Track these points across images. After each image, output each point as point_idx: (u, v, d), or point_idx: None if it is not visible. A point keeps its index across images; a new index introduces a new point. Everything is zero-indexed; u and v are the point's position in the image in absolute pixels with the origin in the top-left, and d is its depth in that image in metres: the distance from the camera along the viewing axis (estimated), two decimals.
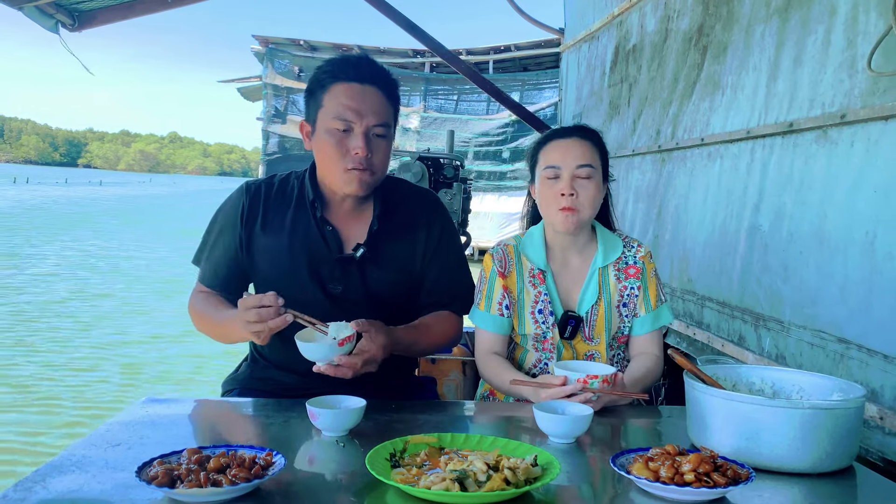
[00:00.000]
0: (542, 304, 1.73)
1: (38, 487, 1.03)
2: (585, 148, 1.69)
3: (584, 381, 1.44)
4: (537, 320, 1.72)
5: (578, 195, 1.66)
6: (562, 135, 1.74)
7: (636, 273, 1.76)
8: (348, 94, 1.57)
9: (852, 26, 1.96)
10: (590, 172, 1.67)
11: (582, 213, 1.67)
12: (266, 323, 1.42)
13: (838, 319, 1.93)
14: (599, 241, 1.76)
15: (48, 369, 5.56)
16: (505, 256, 1.77)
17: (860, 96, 1.90)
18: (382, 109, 1.61)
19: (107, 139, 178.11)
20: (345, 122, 1.57)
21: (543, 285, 1.74)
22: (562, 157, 1.69)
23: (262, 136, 17.01)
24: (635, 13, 3.80)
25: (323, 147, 1.60)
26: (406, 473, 1.07)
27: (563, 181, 1.67)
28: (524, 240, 1.80)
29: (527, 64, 16.77)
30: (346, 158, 1.58)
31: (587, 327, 1.73)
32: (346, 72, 1.59)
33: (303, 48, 17.15)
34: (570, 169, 1.67)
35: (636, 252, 1.78)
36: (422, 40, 5.03)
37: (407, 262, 1.72)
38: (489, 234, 14.19)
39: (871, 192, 1.83)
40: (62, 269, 11.08)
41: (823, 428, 1.16)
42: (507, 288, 1.74)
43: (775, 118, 2.34)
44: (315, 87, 1.62)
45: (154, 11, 4.83)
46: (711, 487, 1.02)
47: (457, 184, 4.15)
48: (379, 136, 1.61)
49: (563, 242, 1.76)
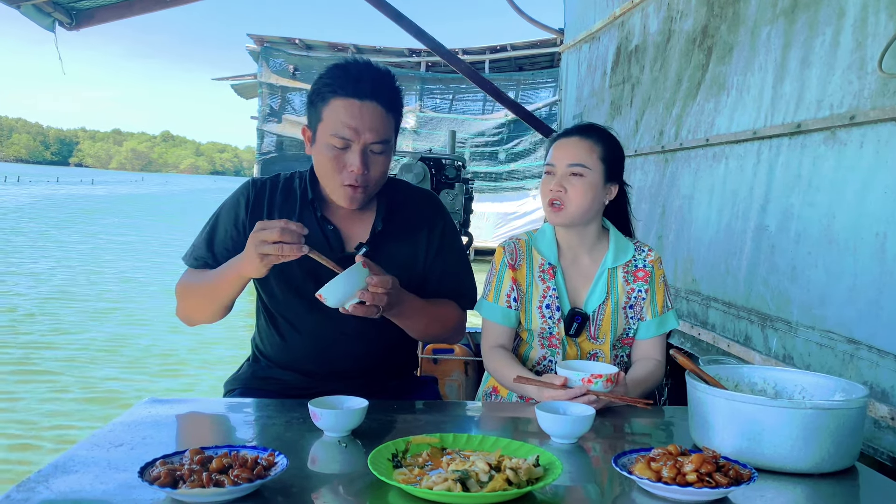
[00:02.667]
0: (549, 299, 1.75)
1: (41, 488, 1.03)
2: (581, 147, 1.73)
3: (588, 381, 1.45)
4: (544, 315, 1.74)
5: (567, 192, 1.70)
6: (564, 134, 1.79)
7: (645, 276, 1.78)
8: (348, 111, 1.54)
9: (861, 28, 1.97)
10: (580, 171, 1.70)
11: (567, 208, 1.70)
12: (282, 246, 1.38)
13: (848, 320, 1.93)
14: (611, 243, 1.79)
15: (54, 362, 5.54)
16: (516, 249, 1.80)
17: (870, 97, 1.91)
18: (381, 125, 1.58)
19: (98, 138, 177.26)
20: (342, 139, 1.55)
21: (552, 280, 1.76)
22: (556, 154, 1.75)
23: (257, 134, 16.93)
24: (637, 14, 3.81)
25: (320, 159, 1.60)
26: (408, 474, 1.07)
27: (554, 178, 1.73)
28: (536, 235, 1.82)
29: (522, 63, 16.78)
30: (342, 174, 1.57)
31: (593, 326, 1.75)
32: (346, 87, 1.55)
33: (298, 47, 17.09)
34: (562, 167, 1.72)
35: (646, 256, 1.80)
36: (421, 39, 5.02)
37: (409, 263, 1.72)
38: (486, 235, 14.19)
39: (881, 194, 1.84)
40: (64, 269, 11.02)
41: (825, 428, 1.16)
42: (517, 280, 1.77)
43: (782, 119, 2.34)
44: (315, 98, 1.60)
45: (152, 10, 4.81)
46: (713, 488, 1.03)
47: (458, 184, 4.15)
48: (376, 153, 1.59)
49: (572, 240, 1.79)
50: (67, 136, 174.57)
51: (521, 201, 15.27)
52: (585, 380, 1.45)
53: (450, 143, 4.51)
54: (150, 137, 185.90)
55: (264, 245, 1.39)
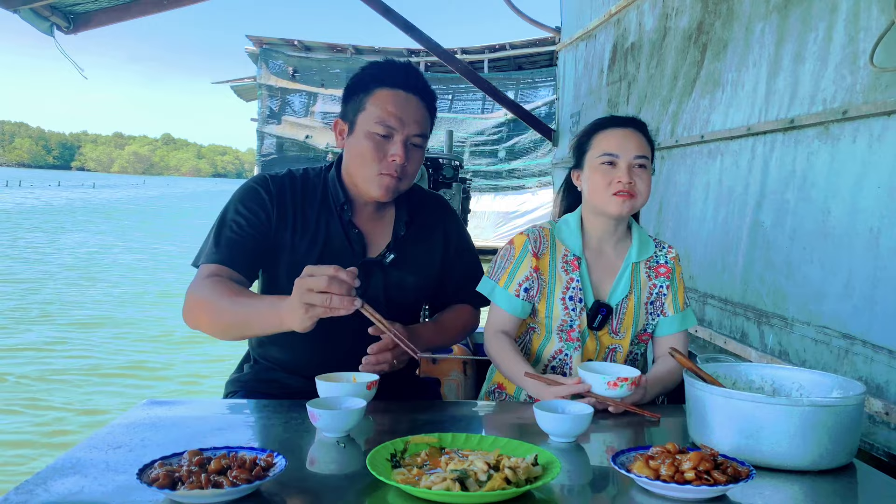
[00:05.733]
0: (573, 290, 1.71)
1: (39, 490, 1.02)
2: (642, 140, 1.71)
3: (614, 384, 1.43)
4: (567, 307, 1.71)
5: (635, 184, 1.67)
6: (619, 123, 1.73)
7: (666, 273, 1.77)
8: (394, 100, 1.57)
9: (854, 22, 1.97)
10: (645, 163, 1.68)
11: (637, 199, 1.68)
12: (331, 297, 1.25)
13: (843, 315, 1.93)
14: (634, 237, 1.77)
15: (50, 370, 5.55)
16: (540, 237, 1.75)
17: (862, 92, 1.90)
18: (423, 120, 1.62)
19: (100, 141, 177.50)
20: (387, 127, 1.57)
21: (577, 272, 1.72)
22: (620, 145, 1.68)
23: (257, 136, 16.95)
24: (633, 11, 3.81)
25: (360, 149, 1.59)
26: (407, 473, 1.07)
27: (620, 170, 1.66)
28: (559, 225, 1.78)
29: (521, 62, 16.77)
30: (381, 163, 1.58)
31: (615, 320, 1.73)
32: (394, 77, 1.59)
33: (297, 48, 17.11)
34: (627, 158, 1.67)
35: (667, 253, 1.79)
36: (418, 39, 5.03)
37: (427, 266, 1.75)
38: (486, 234, 14.19)
39: (874, 188, 1.84)
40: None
41: (823, 425, 1.16)
42: (539, 269, 1.72)
43: (776, 115, 2.34)
44: (358, 88, 1.61)
45: (150, 13, 4.81)
46: (712, 485, 1.02)
47: (456, 184, 4.16)
48: (416, 146, 1.62)
49: (601, 233, 1.75)
50: (69, 140, 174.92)
51: (522, 199, 15.26)
52: (611, 383, 1.43)
53: (447, 143, 4.52)
54: (151, 140, 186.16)
55: (310, 294, 1.26)
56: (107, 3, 4.49)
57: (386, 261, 1.68)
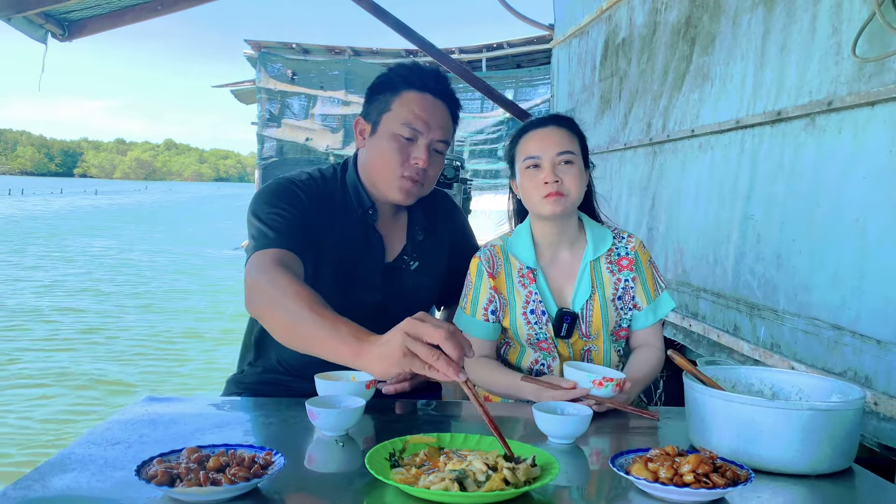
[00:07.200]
0: (532, 304, 1.69)
1: (38, 486, 1.02)
2: (563, 135, 1.67)
3: (599, 383, 1.43)
4: (529, 321, 1.69)
5: (562, 181, 1.63)
6: (537, 125, 1.71)
7: (629, 265, 1.72)
8: (420, 103, 1.57)
9: (837, 13, 1.96)
10: (571, 158, 1.64)
11: (568, 196, 1.63)
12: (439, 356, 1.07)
13: (831, 306, 1.93)
14: (588, 234, 1.72)
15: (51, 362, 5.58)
16: (492, 256, 1.73)
17: (846, 83, 1.90)
18: (447, 127, 1.61)
19: (102, 148, 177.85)
20: (412, 130, 1.56)
21: (534, 284, 1.69)
22: (540, 146, 1.65)
23: (258, 140, 16.95)
24: (624, 7, 3.80)
25: (383, 150, 1.58)
26: (405, 473, 1.06)
27: (544, 170, 1.63)
28: (511, 239, 1.75)
29: (520, 61, 16.75)
30: (404, 166, 1.57)
31: (584, 324, 1.69)
32: (423, 80, 1.58)
33: (295, 51, 17.11)
34: (550, 157, 1.64)
35: (627, 243, 1.74)
36: (411, 39, 5.03)
37: (440, 266, 1.76)
38: (486, 233, 14.14)
39: (860, 179, 1.84)
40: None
41: (822, 429, 1.16)
42: (497, 289, 1.70)
43: (763, 107, 2.34)
44: (384, 88, 1.60)
45: (144, 19, 4.83)
46: (710, 488, 1.02)
47: (457, 184, 4.16)
48: (437, 153, 1.61)
49: (552, 238, 1.72)
50: (71, 147, 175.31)
51: None
52: (597, 382, 1.43)
53: None
54: (153, 146, 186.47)
55: (418, 344, 1.09)
56: (101, 10, 4.50)
57: (411, 268, 1.68)
